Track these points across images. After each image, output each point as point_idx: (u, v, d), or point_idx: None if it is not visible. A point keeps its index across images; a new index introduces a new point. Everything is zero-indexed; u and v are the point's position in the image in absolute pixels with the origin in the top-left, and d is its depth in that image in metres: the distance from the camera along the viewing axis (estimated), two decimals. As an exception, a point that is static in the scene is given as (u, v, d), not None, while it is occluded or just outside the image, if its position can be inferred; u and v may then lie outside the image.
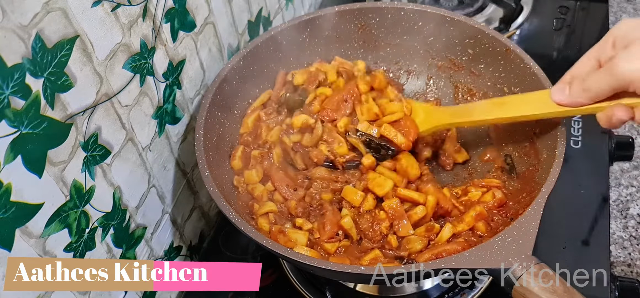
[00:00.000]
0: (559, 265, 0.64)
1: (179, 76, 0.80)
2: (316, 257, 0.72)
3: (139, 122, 0.72)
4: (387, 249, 0.74)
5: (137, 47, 0.69)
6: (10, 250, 0.52)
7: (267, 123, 0.88)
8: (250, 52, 0.88)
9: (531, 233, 0.62)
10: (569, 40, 1.21)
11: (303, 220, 0.78)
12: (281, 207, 0.80)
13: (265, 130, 0.87)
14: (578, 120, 1.00)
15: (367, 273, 0.62)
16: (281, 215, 0.80)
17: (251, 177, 0.83)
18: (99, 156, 0.65)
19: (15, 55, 0.50)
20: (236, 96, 0.89)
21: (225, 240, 0.92)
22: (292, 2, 1.17)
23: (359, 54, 0.99)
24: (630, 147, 0.97)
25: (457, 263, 0.61)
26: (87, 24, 0.59)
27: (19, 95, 0.51)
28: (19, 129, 0.51)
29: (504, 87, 0.88)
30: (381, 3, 0.97)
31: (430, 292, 0.82)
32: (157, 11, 0.72)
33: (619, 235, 0.89)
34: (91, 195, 0.64)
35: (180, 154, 0.84)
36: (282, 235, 0.75)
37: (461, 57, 0.93)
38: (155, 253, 0.81)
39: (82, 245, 0.63)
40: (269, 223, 0.77)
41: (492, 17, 1.26)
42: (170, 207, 0.84)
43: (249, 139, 0.87)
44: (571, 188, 0.90)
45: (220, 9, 0.88)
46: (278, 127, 0.87)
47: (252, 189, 0.82)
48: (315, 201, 0.80)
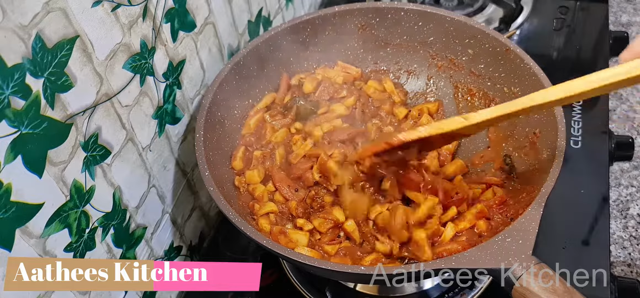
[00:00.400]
0: (559, 265, 0.64)
1: (179, 76, 0.80)
2: (317, 257, 0.72)
3: (139, 122, 0.72)
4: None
5: (137, 47, 0.69)
6: (11, 250, 0.52)
7: (272, 124, 0.89)
8: (250, 52, 0.89)
9: (531, 233, 0.62)
10: (569, 40, 1.21)
11: (304, 220, 0.78)
12: (282, 207, 0.80)
13: (270, 131, 0.88)
14: (578, 120, 1.00)
15: (367, 273, 0.62)
16: (282, 216, 0.80)
17: (253, 177, 0.83)
18: (99, 156, 0.65)
19: (16, 55, 0.50)
20: (236, 96, 0.89)
21: (225, 240, 0.92)
22: (292, 2, 1.17)
23: (359, 54, 0.99)
24: (630, 147, 0.97)
25: (457, 263, 0.61)
26: (87, 24, 0.59)
27: (19, 95, 0.51)
28: (19, 129, 0.52)
29: (504, 87, 0.88)
30: (381, 3, 0.97)
31: (430, 292, 0.81)
32: (157, 11, 0.72)
33: (619, 235, 0.89)
34: (91, 195, 0.64)
35: (180, 154, 0.84)
36: (283, 235, 0.75)
37: (461, 57, 0.93)
38: (155, 253, 0.81)
39: (82, 245, 0.63)
40: (270, 223, 0.77)
41: (492, 17, 1.26)
42: (170, 207, 0.84)
43: (252, 139, 0.87)
44: (571, 188, 0.90)
45: (220, 9, 0.88)
46: (284, 129, 0.88)
47: (253, 189, 0.82)
48: (316, 203, 0.80)
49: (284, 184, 0.82)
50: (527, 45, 1.12)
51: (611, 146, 0.97)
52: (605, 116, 1.03)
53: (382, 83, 0.96)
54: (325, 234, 0.76)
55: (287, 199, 0.81)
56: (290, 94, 0.92)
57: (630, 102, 1.09)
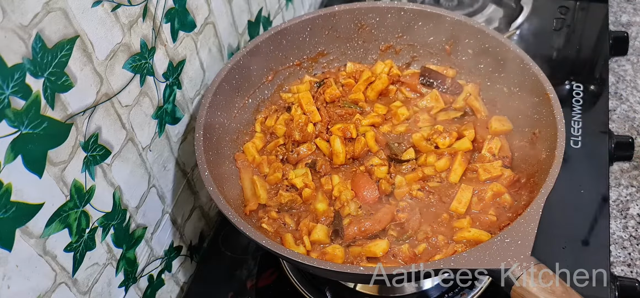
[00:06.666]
0: (558, 265, 0.65)
1: (179, 76, 0.80)
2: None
3: (139, 122, 0.72)
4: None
5: (137, 47, 0.69)
6: (11, 250, 0.52)
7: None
8: (250, 51, 0.89)
9: (530, 233, 0.62)
10: (569, 40, 1.21)
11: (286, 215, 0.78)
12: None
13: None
14: (578, 120, 1.00)
15: (367, 273, 0.62)
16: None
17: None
18: (99, 156, 0.65)
19: (16, 55, 0.50)
20: (236, 96, 0.89)
21: (225, 240, 0.92)
22: (292, 2, 1.17)
23: (359, 53, 0.99)
24: (630, 147, 0.97)
25: (456, 263, 0.61)
26: (87, 24, 0.59)
27: (19, 95, 0.51)
28: (19, 129, 0.52)
29: (504, 87, 0.88)
30: (381, 3, 0.97)
31: (430, 292, 0.82)
32: (157, 11, 0.72)
33: (619, 235, 0.89)
34: (91, 195, 0.64)
35: (180, 154, 0.84)
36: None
37: (461, 57, 0.93)
38: (155, 253, 0.81)
39: (82, 245, 0.63)
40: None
41: (492, 17, 1.26)
42: (170, 207, 0.84)
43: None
44: (571, 188, 0.90)
45: (220, 9, 0.88)
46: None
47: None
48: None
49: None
50: (527, 45, 1.13)
51: (611, 146, 0.97)
52: (605, 116, 1.03)
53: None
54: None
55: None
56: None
57: (630, 102, 1.09)
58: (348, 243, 0.74)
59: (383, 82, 0.93)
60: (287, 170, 0.83)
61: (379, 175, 0.80)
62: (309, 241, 0.74)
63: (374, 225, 0.74)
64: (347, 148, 0.84)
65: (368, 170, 0.81)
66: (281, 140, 0.87)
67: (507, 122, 0.85)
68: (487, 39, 0.88)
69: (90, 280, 0.66)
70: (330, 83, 0.93)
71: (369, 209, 0.77)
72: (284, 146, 0.87)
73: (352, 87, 0.94)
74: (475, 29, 0.89)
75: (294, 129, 0.86)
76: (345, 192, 0.78)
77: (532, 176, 0.75)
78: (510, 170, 0.79)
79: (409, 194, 0.78)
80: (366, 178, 0.80)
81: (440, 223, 0.75)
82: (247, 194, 0.82)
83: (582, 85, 1.08)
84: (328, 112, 0.89)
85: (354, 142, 0.84)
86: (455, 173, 0.80)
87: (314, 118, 0.87)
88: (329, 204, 0.79)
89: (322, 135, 0.86)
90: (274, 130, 0.88)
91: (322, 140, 0.86)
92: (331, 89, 0.92)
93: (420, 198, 0.78)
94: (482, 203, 0.76)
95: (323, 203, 0.78)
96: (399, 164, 0.82)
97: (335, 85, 0.93)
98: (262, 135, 0.89)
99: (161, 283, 0.84)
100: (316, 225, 0.75)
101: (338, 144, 0.83)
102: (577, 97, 1.06)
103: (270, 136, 0.89)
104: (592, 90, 1.08)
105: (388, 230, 0.75)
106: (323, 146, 0.85)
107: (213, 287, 0.87)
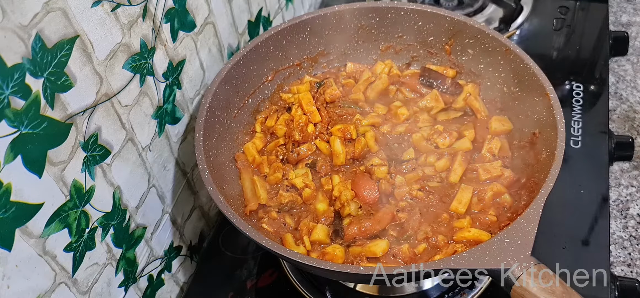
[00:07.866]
0: (558, 265, 0.65)
1: (179, 76, 0.80)
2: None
3: (139, 122, 0.72)
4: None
5: (137, 47, 0.69)
6: (10, 250, 0.52)
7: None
8: (250, 51, 0.89)
9: (530, 233, 0.62)
10: (569, 40, 1.21)
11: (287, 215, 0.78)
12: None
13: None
14: (578, 120, 1.00)
15: (367, 273, 0.62)
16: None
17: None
18: (99, 156, 0.65)
19: (15, 55, 0.50)
20: (236, 96, 0.89)
21: (225, 240, 0.92)
22: (292, 2, 1.17)
23: (359, 53, 0.99)
24: (630, 147, 0.97)
25: (456, 263, 0.61)
26: (87, 24, 0.59)
27: (19, 95, 0.51)
28: (19, 129, 0.52)
29: (504, 87, 0.88)
30: (381, 3, 0.97)
31: (430, 292, 0.81)
32: (157, 11, 0.72)
33: (619, 235, 0.89)
34: (91, 195, 0.64)
35: (180, 154, 0.84)
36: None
37: (461, 57, 0.93)
38: (155, 253, 0.81)
39: (82, 245, 0.63)
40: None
41: (492, 17, 1.26)
42: (170, 207, 0.84)
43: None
44: (571, 188, 0.90)
45: (220, 9, 0.88)
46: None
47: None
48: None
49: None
50: (527, 45, 1.12)
51: (611, 146, 0.97)
52: (605, 116, 1.03)
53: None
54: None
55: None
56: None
57: (630, 102, 1.09)
58: (348, 243, 0.74)
59: (383, 83, 0.93)
60: (287, 171, 0.83)
61: (379, 175, 0.80)
62: (309, 241, 0.74)
63: (374, 225, 0.74)
64: (347, 148, 0.84)
65: (368, 170, 0.81)
66: (281, 140, 0.87)
67: (507, 122, 0.85)
68: (487, 39, 0.88)
69: (90, 280, 0.66)
70: (330, 83, 0.93)
71: (369, 209, 0.77)
72: (284, 146, 0.87)
73: (352, 87, 0.94)
74: (475, 29, 0.89)
75: (294, 129, 0.86)
76: (346, 192, 0.78)
77: (532, 176, 0.75)
78: (510, 170, 0.79)
79: (409, 194, 0.78)
80: (366, 179, 0.80)
81: (440, 223, 0.75)
82: (247, 194, 0.82)
83: (582, 85, 1.08)
84: (328, 112, 0.89)
85: (354, 143, 0.84)
86: (455, 173, 0.80)
87: (314, 118, 0.87)
88: (329, 204, 0.79)
89: (322, 136, 0.86)
90: (274, 130, 0.88)
91: (322, 141, 0.86)
92: (331, 89, 0.92)
93: (420, 198, 0.78)
94: (482, 204, 0.76)
95: (323, 204, 0.78)
96: (399, 164, 0.82)
97: (335, 85, 0.93)
98: (262, 135, 0.89)
99: (161, 283, 0.84)
100: (316, 225, 0.75)
101: (338, 145, 0.83)
102: (577, 97, 1.06)
103: (270, 136, 0.89)
104: (592, 90, 1.08)
105: (388, 230, 0.75)
106: (323, 147, 0.85)
107: (213, 287, 0.87)
